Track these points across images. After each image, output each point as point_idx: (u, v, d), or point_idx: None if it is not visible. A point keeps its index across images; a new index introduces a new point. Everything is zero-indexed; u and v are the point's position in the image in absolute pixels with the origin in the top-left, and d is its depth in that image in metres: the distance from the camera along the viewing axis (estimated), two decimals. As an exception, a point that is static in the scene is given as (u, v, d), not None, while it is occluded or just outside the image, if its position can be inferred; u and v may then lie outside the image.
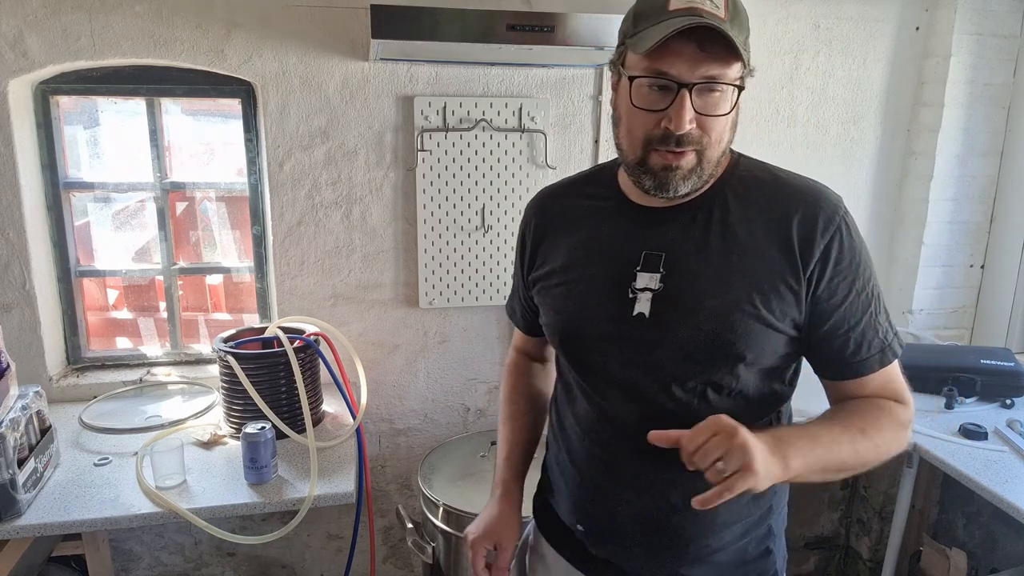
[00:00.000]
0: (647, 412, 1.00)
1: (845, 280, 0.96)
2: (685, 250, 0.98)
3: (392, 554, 2.34)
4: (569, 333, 1.07)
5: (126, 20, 1.77)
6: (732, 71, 0.91)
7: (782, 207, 0.97)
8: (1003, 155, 2.29)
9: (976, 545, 2.22)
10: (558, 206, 1.13)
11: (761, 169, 1.02)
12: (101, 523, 1.42)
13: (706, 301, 0.96)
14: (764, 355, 0.97)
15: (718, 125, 0.93)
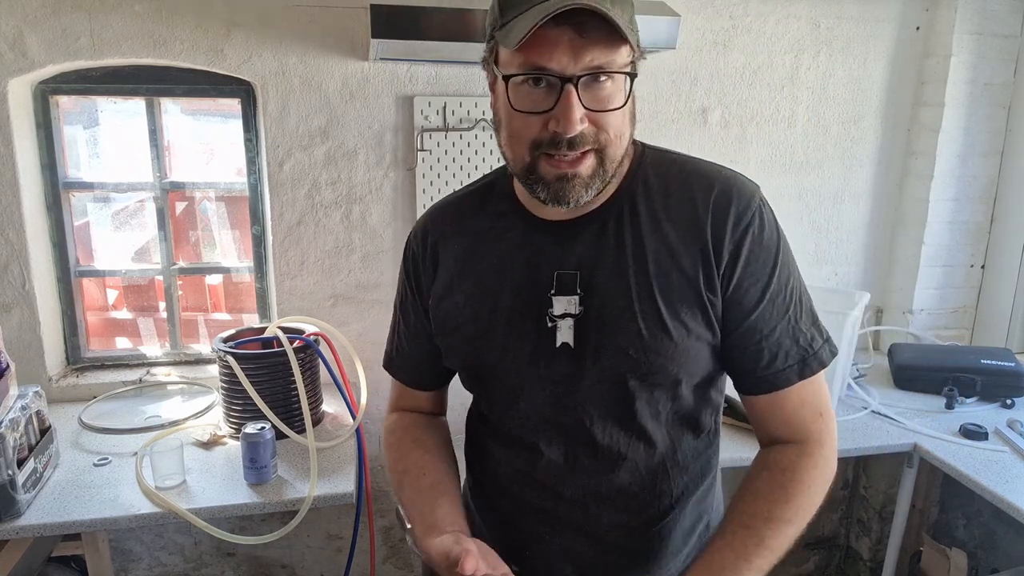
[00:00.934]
0: (579, 450, 0.92)
1: (757, 283, 0.86)
2: (600, 265, 0.87)
3: (392, 554, 2.34)
4: (488, 379, 0.96)
5: (126, 20, 1.77)
6: (620, 57, 0.78)
7: (692, 203, 0.87)
8: (1003, 155, 2.29)
9: (976, 545, 2.22)
10: (449, 231, 0.98)
11: (669, 161, 0.91)
12: (101, 523, 1.42)
13: (630, 322, 0.86)
14: (698, 371, 0.90)
15: (614, 120, 0.80)
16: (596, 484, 0.94)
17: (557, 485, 0.95)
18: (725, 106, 2.16)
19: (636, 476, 0.93)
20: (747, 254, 0.86)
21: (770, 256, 0.87)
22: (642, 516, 0.95)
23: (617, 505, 0.94)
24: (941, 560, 2.22)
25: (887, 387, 2.11)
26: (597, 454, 0.92)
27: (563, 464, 0.94)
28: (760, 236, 0.86)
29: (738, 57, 2.13)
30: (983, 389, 1.99)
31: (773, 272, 0.87)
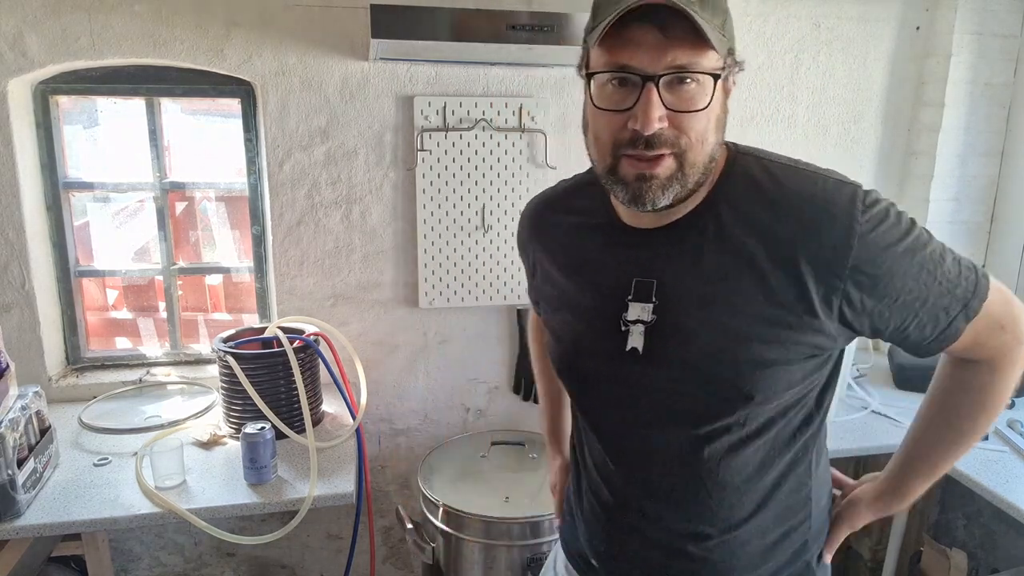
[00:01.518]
0: (647, 452, 0.94)
1: (892, 280, 0.82)
2: (678, 276, 0.88)
3: (392, 554, 2.34)
4: (567, 369, 1.01)
5: (126, 20, 1.77)
6: (707, 59, 0.77)
7: (785, 223, 0.83)
8: (1003, 155, 2.29)
9: (976, 545, 2.22)
10: (550, 223, 1.03)
11: (760, 169, 0.87)
12: (101, 523, 1.42)
13: (702, 335, 0.86)
14: (776, 391, 0.87)
15: (696, 123, 0.79)
16: (659, 490, 0.95)
17: (630, 486, 0.97)
18: (725, 106, 2.15)
19: (700, 486, 0.92)
20: (868, 263, 0.81)
21: (895, 249, 0.81)
22: (707, 526, 0.94)
23: (682, 512, 0.95)
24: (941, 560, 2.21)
25: (887, 387, 2.11)
26: (659, 458, 0.93)
27: (633, 466, 0.96)
28: (874, 237, 0.80)
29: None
30: (983, 389, 1.98)
31: (906, 261, 0.82)
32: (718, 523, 0.93)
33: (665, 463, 0.93)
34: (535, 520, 1.66)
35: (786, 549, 0.96)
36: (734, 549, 0.94)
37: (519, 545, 1.67)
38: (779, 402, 0.89)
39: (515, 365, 2.21)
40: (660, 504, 0.95)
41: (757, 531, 0.94)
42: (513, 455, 1.95)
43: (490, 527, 1.66)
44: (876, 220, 0.81)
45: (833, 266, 0.81)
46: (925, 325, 0.86)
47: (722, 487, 0.92)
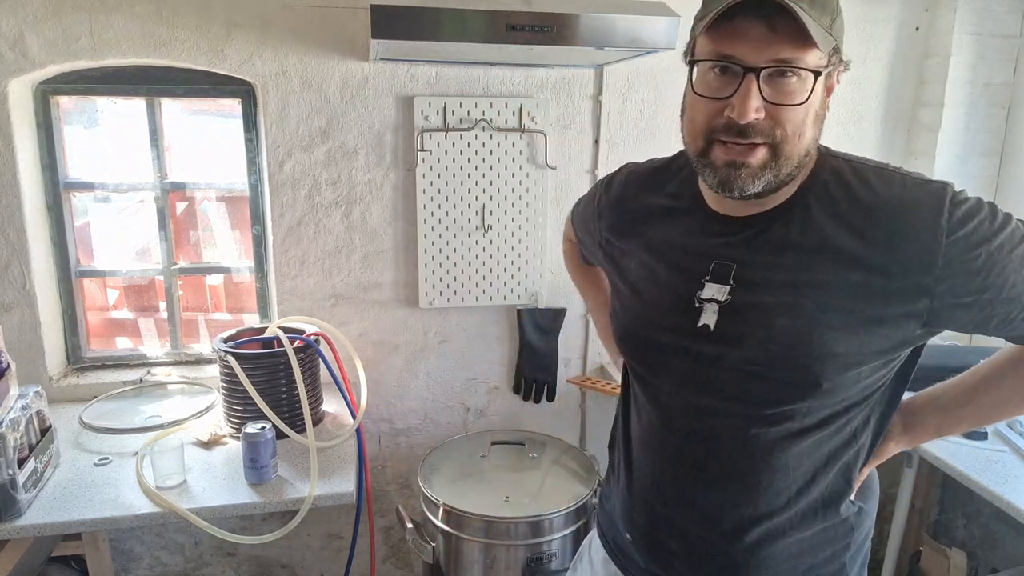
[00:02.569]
0: (703, 429, 0.96)
1: (989, 275, 0.82)
2: (757, 263, 0.90)
3: (392, 554, 2.34)
4: (632, 336, 1.03)
5: (126, 20, 1.77)
6: (810, 56, 0.79)
7: (874, 222, 0.84)
8: (1003, 155, 2.29)
9: (976, 545, 2.22)
10: (640, 196, 1.06)
11: (851, 171, 0.89)
12: (101, 523, 1.42)
13: (777, 320, 0.87)
14: (844, 384, 0.88)
15: (794, 116, 0.81)
16: (709, 468, 0.96)
17: (679, 458, 0.99)
18: (725, 106, 2.16)
19: (751, 467, 0.93)
20: (959, 266, 0.82)
21: (988, 245, 0.82)
22: (751, 509, 0.95)
23: (729, 493, 0.96)
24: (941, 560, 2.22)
25: (887, 387, 2.11)
26: (721, 438, 0.94)
27: (686, 439, 0.98)
28: (965, 239, 0.82)
29: (738, 57, 2.13)
30: (983, 389, 1.99)
31: (1002, 255, 0.82)
32: (762, 507, 0.94)
33: (721, 441, 0.94)
34: (535, 520, 1.67)
35: (824, 549, 0.97)
36: (774, 537, 0.94)
37: (519, 545, 1.67)
38: (844, 397, 0.89)
39: (515, 365, 2.22)
40: (708, 482, 0.96)
41: (798, 523, 0.94)
42: (513, 455, 1.96)
43: (490, 527, 1.67)
44: (965, 218, 0.82)
45: (923, 266, 0.82)
46: (1019, 320, 0.86)
47: (772, 473, 0.92)
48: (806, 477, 0.93)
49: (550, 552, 1.69)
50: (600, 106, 2.07)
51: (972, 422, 1.03)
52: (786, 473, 0.92)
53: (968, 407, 1.00)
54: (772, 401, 0.90)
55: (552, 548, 1.69)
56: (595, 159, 2.11)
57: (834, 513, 0.96)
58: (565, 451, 1.97)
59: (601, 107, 2.07)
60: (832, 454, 0.93)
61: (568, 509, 1.69)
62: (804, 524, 0.95)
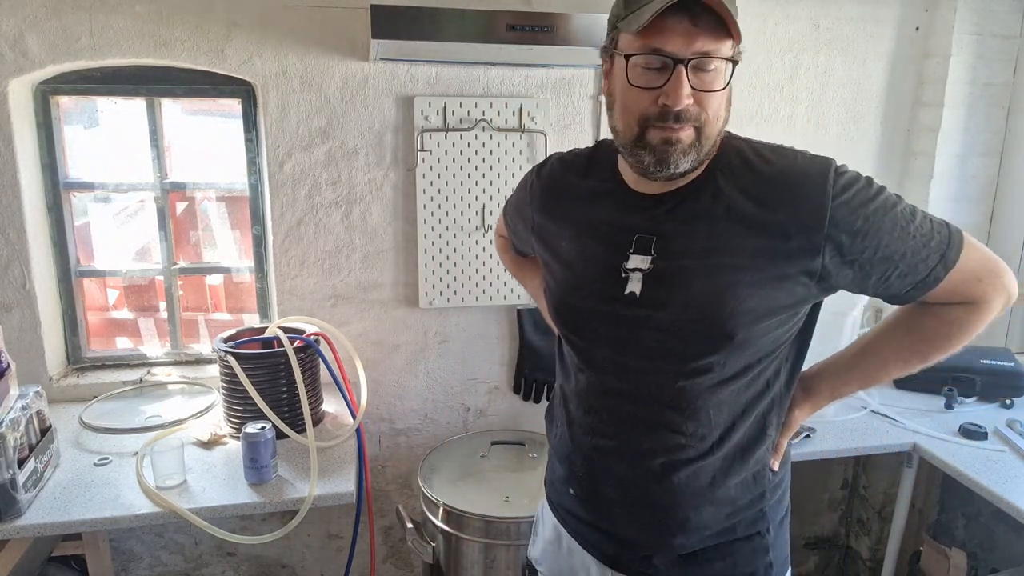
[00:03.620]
0: (634, 386, 1.05)
1: (868, 235, 0.95)
2: (676, 234, 1.00)
3: (392, 554, 2.34)
4: (566, 306, 1.11)
5: (126, 20, 1.77)
6: (725, 47, 0.91)
7: (772, 191, 0.97)
8: (1003, 155, 2.29)
9: (976, 545, 2.22)
10: (568, 180, 1.16)
11: (750, 149, 1.01)
12: (101, 523, 1.42)
13: (694, 283, 0.98)
14: (755, 336, 0.98)
15: (714, 101, 0.93)
16: (642, 421, 1.05)
17: (615, 413, 1.08)
18: (725, 106, 2.16)
19: (678, 416, 1.03)
20: (844, 227, 0.94)
21: (866, 211, 0.94)
22: (680, 454, 1.04)
23: (660, 441, 1.05)
24: (941, 560, 2.22)
25: (886, 387, 2.11)
26: (645, 390, 1.04)
27: (621, 395, 1.07)
28: (849, 204, 0.94)
29: (738, 57, 2.13)
30: (982, 389, 1.99)
31: (879, 217, 0.95)
32: (690, 452, 1.03)
33: (651, 395, 1.04)
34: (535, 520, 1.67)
35: (748, 493, 1.07)
36: (699, 478, 1.04)
37: (519, 545, 1.67)
38: (757, 348, 1.00)
39: (515, 365, 2.22)
40: (641, 432, 1.05)
41: (720, 467, 1.04)
42: (513, 455, 1.96)
43: (490, 527, 1.67)
44: (847, 185, 0.96)
45: (814, 226, 0.94)
46: (906, 275, 0.98)
47: (697, 420, 1.02)
48: (727, 423, 1.03)
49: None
50: (600, 106, 2.07)
51: (859, 384, 1.15)
52: (709, 420, 1.02)
53: (854, 371, 1.13)
54: (693, 355, 1.00)
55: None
56: (595, 159, 2.11)
57: (752, 459, 1.05)
58: (565, 451, 1.97)
59: (601, 107, 2.07)
60: (749, 402, 1.04)
61: (568, 509, 1.69)
62: (727, 468, 1.04)
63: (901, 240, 0.96)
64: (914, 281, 0.99)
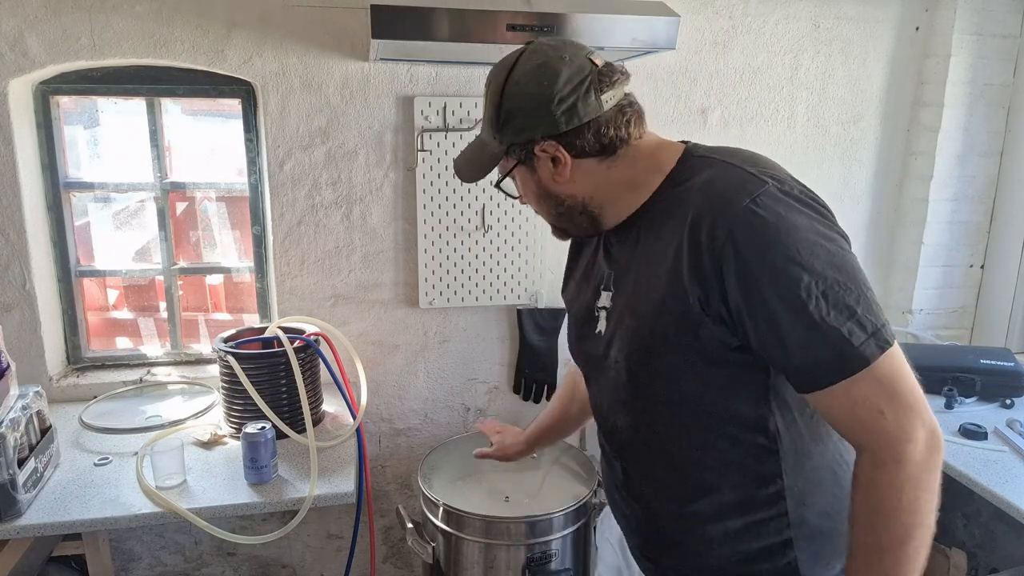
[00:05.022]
0: (612, 424, 1.09)
1: (756, 285, 0.84)
2: (621, 267, 1.03)
3: (392, 554, 2.34)
4: (572, 351, 1.19)
5: (126, 20, 1.77)
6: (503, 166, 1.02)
7: (682, 216, 0.91)
8: (1003, 155, 2.29)
9: (976, 545, 2.22)
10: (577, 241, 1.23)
11: (701, 166, 0.95)
12: (101, 523, 1.42)
13: (627, 319, 1.00)
14: (679, 370, 0.94)
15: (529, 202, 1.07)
16: (624, 456, 1.09)
17: (612, 451, 1.12)
18: (725, 106, 2.16)
19: (647, 457, 1.05)
20: (733, 271, 0.85)
21: (764, 265, 0.83)
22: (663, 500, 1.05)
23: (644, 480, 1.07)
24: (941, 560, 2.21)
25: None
26: (620, 429, 1.07)
27: (604, 431, 1.12)
28: (748, 239, 0.84)
29: (738, 57, 2.13)
30: (982, 389, 1.99)
31: (773, 279, 0.83)
32: (668, 496, 1.04)
33: (622, 432, 1.07)
34: (535, 520, 1.67)
35: (757, 540, 0.99)
36: (692, 525, 1.02)
37: (519, 545, 1.67)
38: (705, 383, 0.95)
39: (515, 365, 2.22)
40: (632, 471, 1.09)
41: (713, 513, 1.00)
42: (513, 455, 1.95)
43: (490, 527, 1.67)
44: (756, 225, 0.84)
45: (706, 265, 0.87)
46: (790, 357, 0.85)
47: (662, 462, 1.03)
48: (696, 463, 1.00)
49: (550, 552, 1.69)
50: (600, 106, 2.07)
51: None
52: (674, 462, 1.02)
53: None
54: (646, 394, 1.00)
55: (552, 548, 1.69)
56: (595, 159, 2.11)
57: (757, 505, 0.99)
58: (565, 451, 1.97)
59: (601, 107, 2.07)
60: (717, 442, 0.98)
61: (568, 509, 1.69)
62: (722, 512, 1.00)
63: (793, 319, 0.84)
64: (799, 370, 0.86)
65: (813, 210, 0.88)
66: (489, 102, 0.99)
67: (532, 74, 0.94)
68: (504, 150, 0.99)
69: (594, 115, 0.94)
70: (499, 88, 0.97)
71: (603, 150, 0.97)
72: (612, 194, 1.00)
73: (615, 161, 0.98)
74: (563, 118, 0.94)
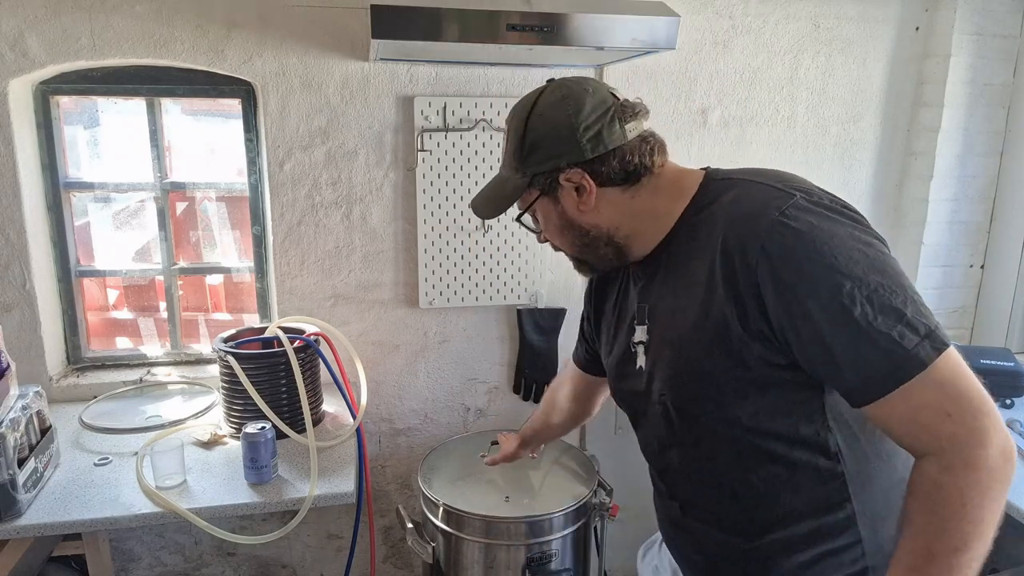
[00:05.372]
0: (670, 462, 1.07)
1: (796, 298, 0.82)
2: (653, 298, 1.02)
3: (392, 554, 2.34)
4: (613, 391, 1.18)
5: (126, 20, 1.77)
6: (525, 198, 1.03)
7: (711, 239, 0.91)
8: (1003, 155, 2.29)
9: (976, 545, 2.22)
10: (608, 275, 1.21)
11: (723, 190, 0.95)
12: (101, 523, 1.42)
13: (665, 350, 0.99)
14: (726, 396, 0.92)
15: (551, 234, 1.06)
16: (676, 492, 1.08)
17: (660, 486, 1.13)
18: (725, 106, 2.16)
19: (702, 490, 1.03)
20: (771, 286, 0.83)
21: (801, 276, 0.82)
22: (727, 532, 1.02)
23: (705, 512, 1.05)
24: (941, 560, 2.21)
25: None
26: (670, 465, 1.07)
27: (659, 470, 1.11)
28: (781, 252, 0.82)
29: (738, 57, 2.13)
30: (983, 389, 1.98)
31: (813, 290, 0.81)
32: (732, 530, 1.01)
33: (676, 470, 1.05)
34: (535, 520, 1.67)
35: (833, 572, 0.95)
36: (761, 561, 0.99)
37: (519, 545, 1.67)
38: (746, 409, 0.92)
39: (515, 365, 2.22)
40: (690, 508, 1.07)
41: (782, 546, 0.96)
42: (513, 455, 1.95)
43: (490, 527, 1.67)
44: (788, 237, 0.83)
45: (744, 283, 0.86)
46: (842, 370, 0.81)
47: (721, 496, 1.00)
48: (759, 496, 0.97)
49: (550, 552, 1.69)
50: (600, 106, 2.07)
51: None
52: (732, 495, 0.99)
53: None
54: (686, 427, 0.99)
55: (552, 548, 1.69)
56: (595, 159, 2.11)
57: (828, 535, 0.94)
58: (565, 451, 1.97)
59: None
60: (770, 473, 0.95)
61: (568, 509, 1.69)
62: (791, 544, 0.96)
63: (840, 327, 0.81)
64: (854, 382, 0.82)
65: (846, 217, 0.86)
66: (512, 136, 1.00)
67: (556, 105, 0.96)
68: (527, 182, 1.00)
69: (619, 143, 0.96)
70: (523, 121, 0.98)
71: (627, 178, 0.97)
72: (637, 224, 1.00)
73: (639, 190, 0.98)
74: (588, 145, 0.95)
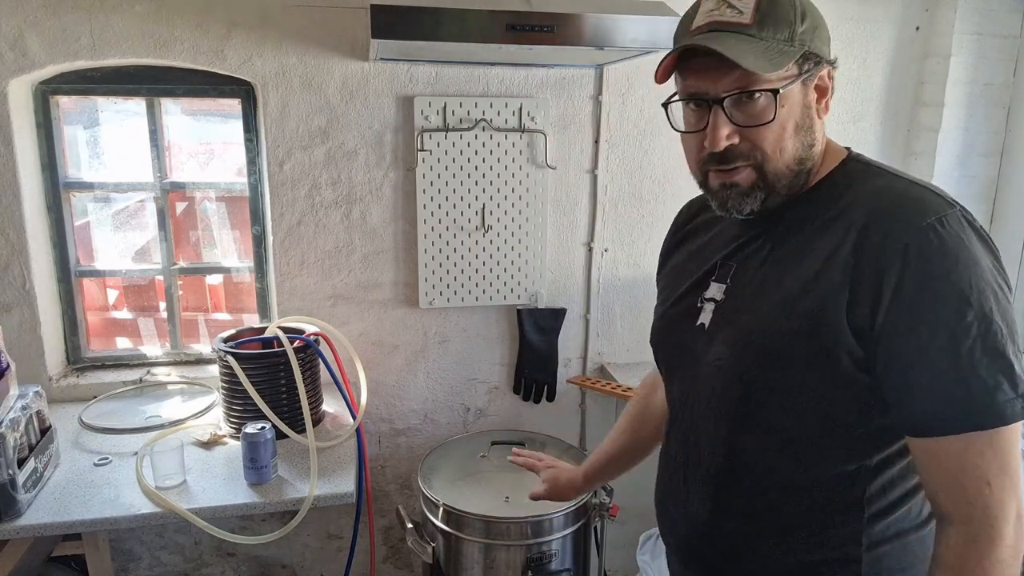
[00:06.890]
0: (697, 429, 0.98)
1: (914, 304, 0.77)
2: (753, 262, 0.92)
3: (392, 554, 2.34)
4: (656, 341, 1.08)
5: (126, 20, 1.77)
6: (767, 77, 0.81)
7: (848, 220, 0.83)
8: (1003, 155, 2.29)
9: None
10: (685, 219, 1.12)
11: (858, 174, 0.89)
12: (101, 523, 1.42)
13: (744, 316, 0.90)
14: (808, 385, 0.84)
15: (769, 134, 0.83)
16: (700, 461, 0.98)
17: (682, 453, 1.01)
18: (725, 106, 2.15)
19: (729, 469, 0.94)
20: (894, 284, 0.77)
21: (929, 286, 0.76)
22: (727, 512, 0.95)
23: (712, 488, 0.96)
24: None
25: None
26: (704, 435, 0.97)
27: (682, 434, 1.01)
28: (924, 261, 0.76)
29: (738, 57, 2.13)
30: (983, 389, 1.98)
31: (935, 305, 0.76)
32: (738, 512, 0.94)
33: (708, 437, 0.96)
34: (535, 520, 1.67)
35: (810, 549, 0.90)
36: (762, 550, 0.93)
37: (519, 545, 1.67)
38: (806, 404, 0.85)
39: (515, 365, 2.22)
40: (701, 473, 0.98)
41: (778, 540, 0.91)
42: (513, 455, 1.95)
43: (490, 527, 1.67)
44: (939, 248, 0.76)
45: (870, 266, 0.79)
46: (913, 391, 0.78)
47: (744, 477, 0.93)
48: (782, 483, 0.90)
49: (550, 552, 1.69)
50: (600, 106, 2.07)
51: None
52: (761, 480, 0.91)
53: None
54: (736, 400, 0.91)
55: (552, 548, 1.69)
56: (595, 159, 2.11)
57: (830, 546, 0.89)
58: (565, 451, 1.97)
59: (601, 107, 2.07)
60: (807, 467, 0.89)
61: (568, 509, 1.69)
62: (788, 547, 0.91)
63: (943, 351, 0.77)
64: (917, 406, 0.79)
65: (992, 252, 0.81)
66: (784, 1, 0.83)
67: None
68: (799, 54, 0.82)
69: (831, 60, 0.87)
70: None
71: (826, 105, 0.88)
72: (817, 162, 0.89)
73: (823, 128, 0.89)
74: (828, 48, 0.87)
